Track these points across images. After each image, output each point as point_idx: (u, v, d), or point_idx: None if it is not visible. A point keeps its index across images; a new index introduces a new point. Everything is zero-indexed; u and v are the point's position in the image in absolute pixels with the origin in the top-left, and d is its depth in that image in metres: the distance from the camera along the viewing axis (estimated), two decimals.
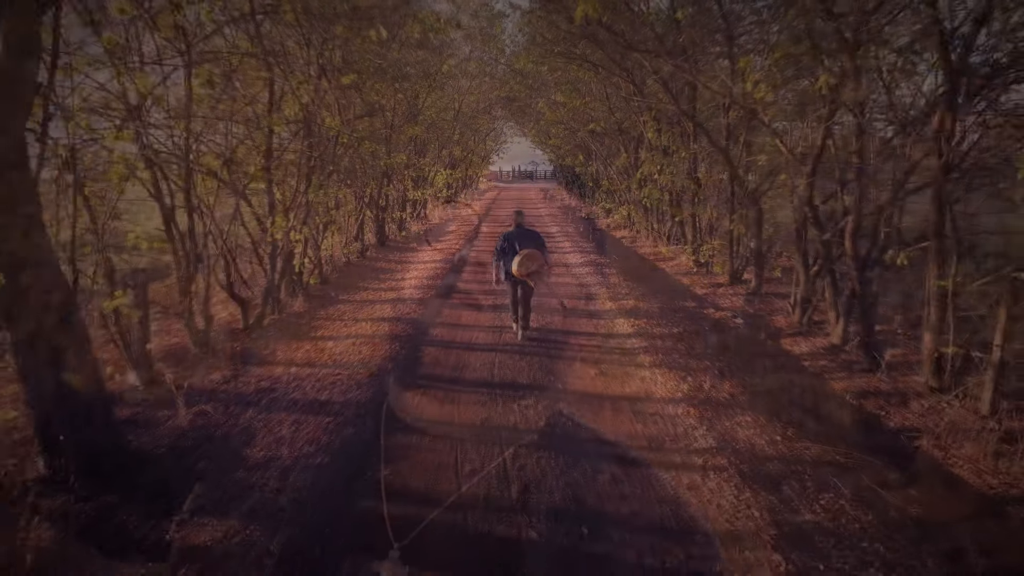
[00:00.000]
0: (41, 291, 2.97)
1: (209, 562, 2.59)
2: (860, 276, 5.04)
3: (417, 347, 5.59)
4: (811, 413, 4.14)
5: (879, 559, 2.60)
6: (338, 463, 3.46)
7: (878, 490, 3.15)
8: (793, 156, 5.77)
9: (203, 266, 5.54)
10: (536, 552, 2.67)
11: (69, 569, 2.55)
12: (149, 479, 3.26)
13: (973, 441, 3.60)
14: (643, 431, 3.84)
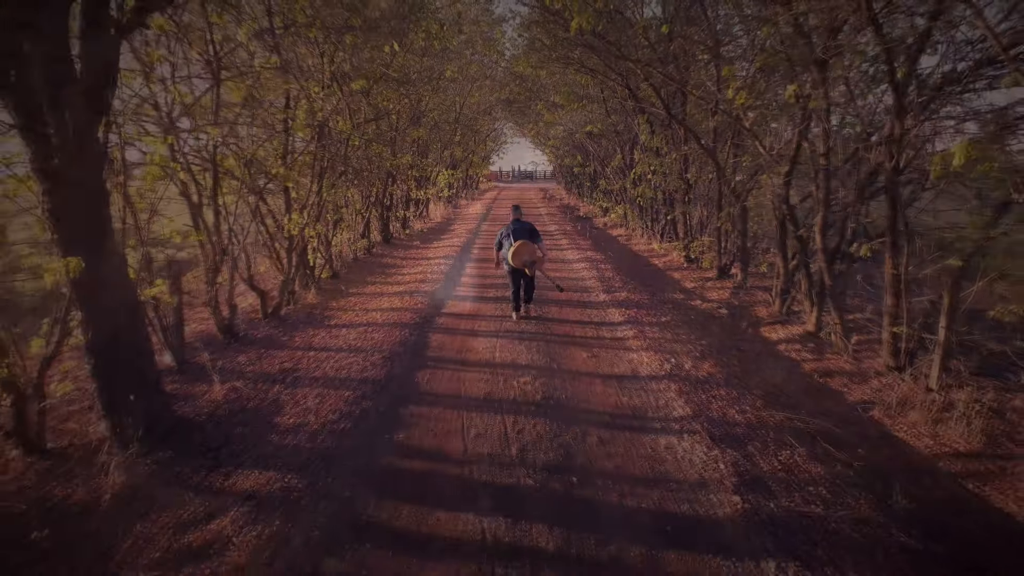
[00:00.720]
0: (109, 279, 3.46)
1: (255, 503, 3.08)
2: (829, 268, 5.53)
3: (425, 334, 6.07)
4: (779, 389, 4.63)
5: (821, 499, 3.08)
6: (359, 429, 3.94)
7: (829, 448, 3.64)
8: (771, 157, 6.26)
9: (227, 259, 6.03)
10: (533, 495, 3.15)
11: (141, 507, 3.03)
12: (196, 440, 3.75)
13: (917, 410, 4.09)
14: (628, 403, 4.32)
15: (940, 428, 3.87)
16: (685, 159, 9.77)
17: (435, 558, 2.66)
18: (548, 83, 15.38)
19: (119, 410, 3.55)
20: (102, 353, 3.52)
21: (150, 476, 3.31)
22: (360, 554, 2.69)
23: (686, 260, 9.96)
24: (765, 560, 2.62)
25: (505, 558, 2.65)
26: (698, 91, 7.37)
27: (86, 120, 3.16)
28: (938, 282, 4.70)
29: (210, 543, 2.77)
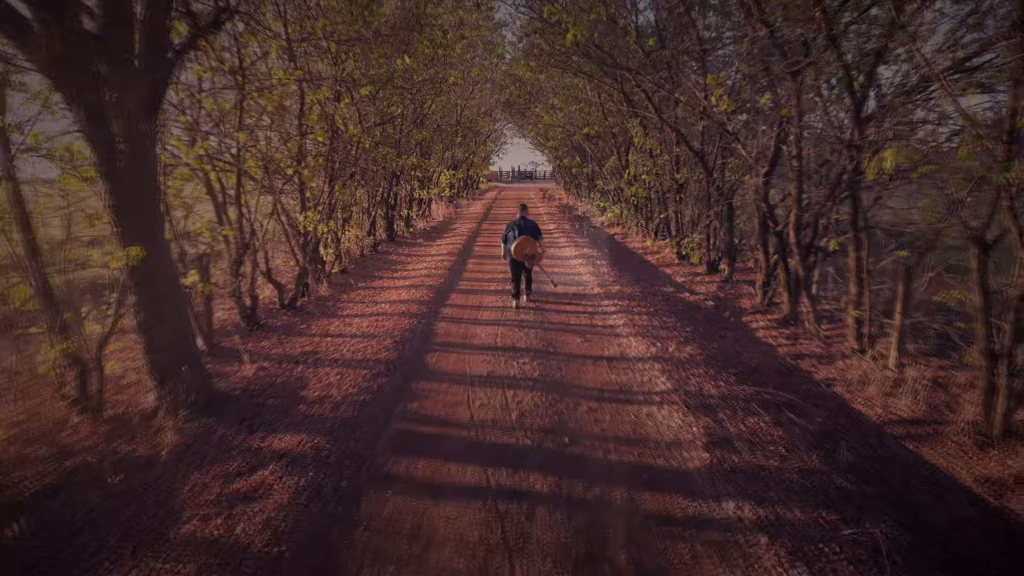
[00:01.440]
0: (159, 267, 3.96)
1: (285, 459, 3.57)
2: (803, 262, 6.03)
3: (431, 323, 6.57)
4: (753, 368, 5.13)
5: (778, 455, 3.58)
6: (377, 401, 4.44)
7: (791, 416, 4.14)
8: (752, 160, 6.76)
9: (249, 253, 6.52)
10: (530, 452, 3.65)
11: (194, 461, 3.53)
12: (233, 410, 4.25)
13: (873, 386, 4.59)
14: (615, 379, 4.83)
15: (891, 400, 4.37)
16: (676, 160, 10.27)
17: (448, 498, 3.16)
18: (547, 86, 15.88)
19: (166, 383, 4.04)
20: (152, 332, 4.02)
21: (198, 437, 3.81)
22: (384, 497, 3.19)
23: (678, 256, 10.46)
24: (725, 500, 3.12)
25: (507, 498, 3.15)
26: (686, 97, 7.87)
27: (145, 128, 3.66)
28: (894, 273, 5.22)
29: (255, 489, 3.27)
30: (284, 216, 7.56)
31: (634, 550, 2.74)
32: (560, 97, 14.86)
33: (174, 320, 4.16)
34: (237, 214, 6.26)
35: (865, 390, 4.62)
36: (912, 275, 4.76)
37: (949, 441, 3.76)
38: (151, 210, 3.89)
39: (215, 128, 6.12)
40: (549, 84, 15.28)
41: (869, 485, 3.27)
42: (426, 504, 3.11)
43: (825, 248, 5.87)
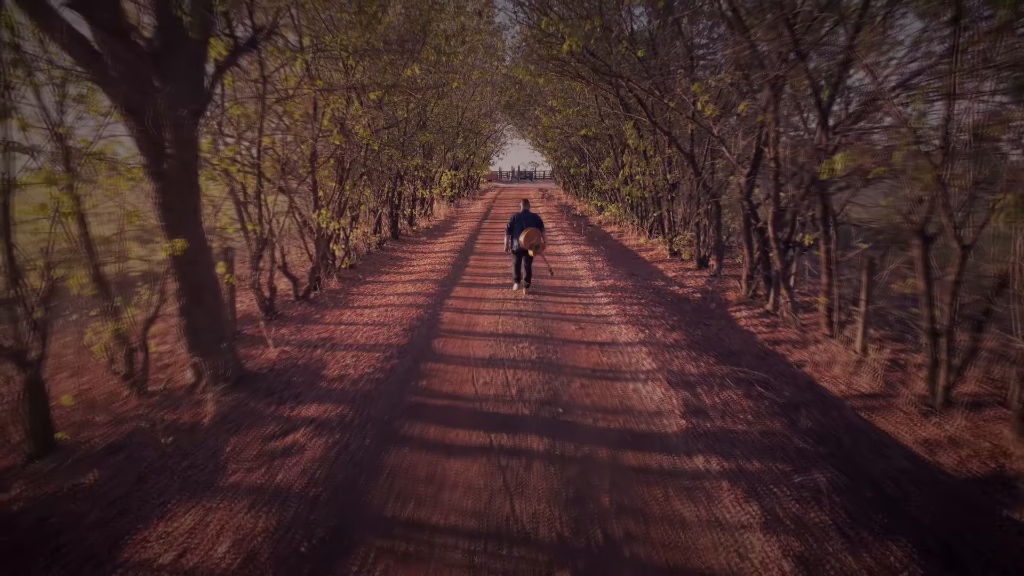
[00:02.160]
0: (198, 257, 4.45)
1: (313, 424, 4.07)
2: (781, 255, 6.53)
3: (437, 312, 7.07)
4: (732, 352, 5.63)
5: (746, 422, 4.08)
6: (390, 378, 4.94)
7: (762, 391, 4.64)
8: (735, 161, 7.26)
9: (268, 248, 7.02)
10: (528, 419, 4.15)
11: (233, 426, 4.03)
12: (262, 386, 4.75)
13: (839, 366, 5.09)
14: (606, 361, 5.33)
15: (854, 378, 4.87)
16: (669, 161, 10.77)
17: (457, 455, 3.66)
18: (546, 89, 16.35)
19: (206, 360, 4.54)
20: (192, 315, 4.52)
21: (234, 408, 4.31)
22: (401, 452, 3.69)
23: (670, 253, 10.96)
24: (696, 456, 3.62)
25: (507, 455, 3.65)
26: (675, 102, 8.36)
27: (190, 134, 4.16)
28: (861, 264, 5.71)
29: (289, 447, 3.77)
30: (298, 214, 8.07)
31: (615, 493, 3.24)
32: (558, 99, 15.34)
33: (211, 304, 4.66)
34: (257, 212, 6.76)
35: (832, 370, 5.11)
36: (875, 267, 5.25)
37: (899, 411, 4.26)
38: (192, 206, 4.39)
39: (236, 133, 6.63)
40: (548, 87, 15.74)
41: (822, 446, 3.77)
42: (439, 458, 3.61)
43: (801, 243, 6.37)
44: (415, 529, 2.94)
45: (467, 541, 2.84)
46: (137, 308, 4.74)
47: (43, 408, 3.61)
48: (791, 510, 3.04)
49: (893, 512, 3.07)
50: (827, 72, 5.15)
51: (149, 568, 2.68)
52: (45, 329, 3.62)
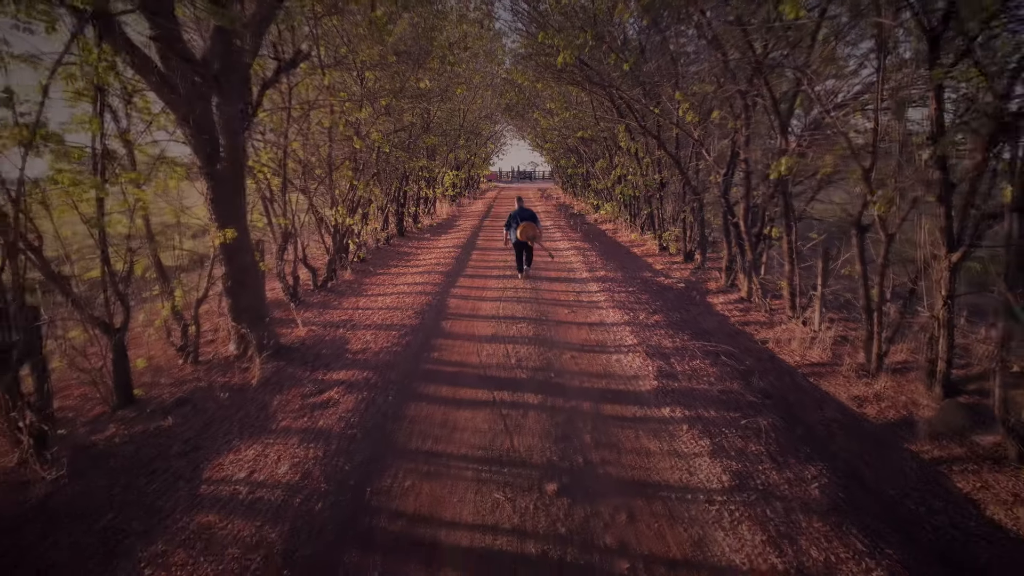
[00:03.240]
0: (242, 245, 5.21)
1: (344, 385, 4.82)
2: (752, 247, 7.29)
3: (444, 299, 7.83)
4: (706, 331, 6.38)
5: (709, 383, 4.83)
6: (406, 352, 5.70)
7: (726, 360, 5.40)
8: (712, 162, 8.01)
9: (291, 241, 7.78)
10: (525, 381, 4.90)
11: (276, 387, 4.78)
12: (295, 356, 5.51)
13: (796, 342, 5.84)
14: (594, 338, 6.09)
15: (808, 351, 5.63)
16: (658, 162, 11.53)
17: (465, 408, 4.41)
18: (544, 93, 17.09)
19: (245, 335, 5.30)
20: (237, 295, 5.28)
21: (275, 372, 5.07)
22: (419, 405, 4.44)
23: (659, 248, 11.72)
24: (664, 407, 4.37)
25: (507, 407, 4.40)
26: (660, 108, 9.11)
27: (239, 141, 4.91)
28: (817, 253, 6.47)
29: (326, 402, 4.52)
30: (315, 211, 8.82)
31: (595, 433, 3.99)
32: (556, 103, 16.08)
33: (253, 286, 5.42)
34: (282, 208, 7.52)
35: (790, 345, 5.87)
36: (829, 255, 6.01)
37: (840, 376, 5.02)
38: (239, 201, 5.15)
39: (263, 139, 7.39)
40: (546, 91, 16.49)
41: (770, 400, 4.53)
42: (450, 410, 4.37)
43: (769, 235, 7.13)
44: (433, 457, 3.70)
45: (475, 465, 3.60)
46: (188, 290, 5.51)
47: (124, 368, 4.36)
48: (734, 443, 3.80)
49: (817, 446, 3.83)
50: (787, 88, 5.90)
51: (228, 482, 3.43)
52: (127, 303, 4.37)
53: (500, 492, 3.29)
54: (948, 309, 4.01)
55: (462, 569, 2.69)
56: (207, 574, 2.66)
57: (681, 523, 3.02)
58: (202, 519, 3.07)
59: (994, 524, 3.03)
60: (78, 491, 3.29)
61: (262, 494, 3.29)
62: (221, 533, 2.95)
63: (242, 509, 3.15)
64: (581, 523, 3.02)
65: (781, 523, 2.98)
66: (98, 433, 3.95)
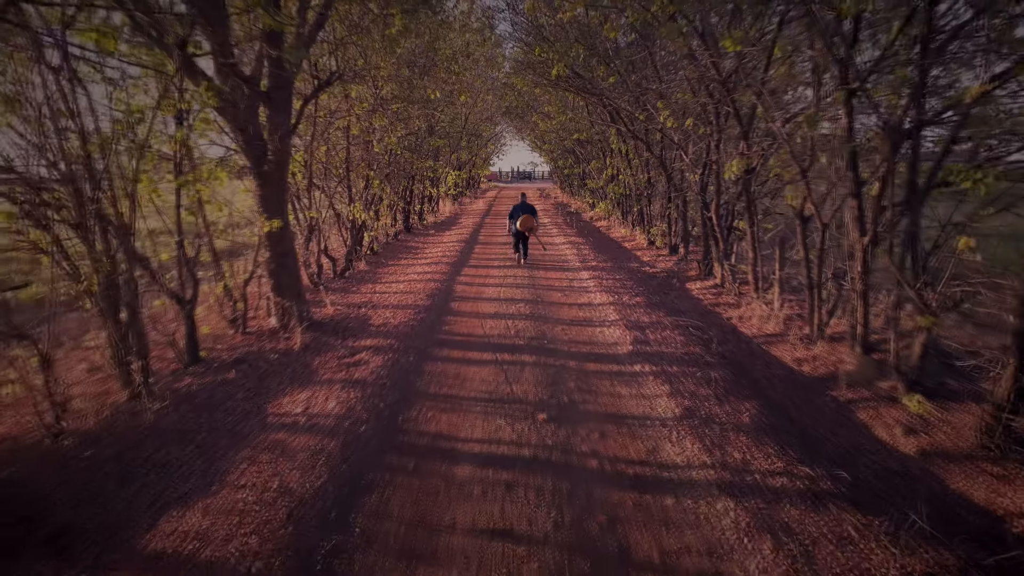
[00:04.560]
0: (283, 234, 6.16)
1: (371, 349, 5.78)
2: (724, 238, 8.25)
3: (451, 285, 8.79)
4: (680, 310, 7.34)
5: (675, 347, 5.79)
6: (421, 325, 6.65)
7: (693, 332, 6.35)
8: (691, 163, 8.97)
9: (315, 233, 8.73)
10: (522, 346, 5.86)
11: (315, 351, 5.74)
12: (328, 329, 6.47)
13: (756, 318, 6.80)
14: (582, 315, 7.05)
15: (765, 325, 6.58)
16: (647, 163, 12.48)
17: (473, 365, 5.37)
18: (542, 97, 18.05)
19: (288, 308, 6.26)
20: (279, 276, 6.23)
21: (312, 340, 6.03)
22: (435, 364, 5.40)
23: (647, 242, 12.68)
24: (635, 364, 5.33)
25: (507, 364, 5.36)
26: (645, 115, 10.07)
27: (284, 146, 5.87)
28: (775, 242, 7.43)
29: (357, 361, 5.48)
30: (334, 208, 9.78)
31: (578, 382, 4.95)
32: (553, 106, 17.04)
33: (292, 268, 6.38)
34: (308, 204, 8.48)
35: (751, 321, 6.83)
36: (785, 244, 6.97)
37: (787, 343, 5.97)
38: (282, 197, 6.11)
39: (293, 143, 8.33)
40: (544, 96, 17.45)
41: (725, 359, 5.49)
42: (461, 366, 5.33)
43: (738, 228, 8.09)
44: (449, 398, 4.66)
45: (482, 403, 4.56)
46: (236, 273, 6.46)
47: (193, 334, 5.31)
48: (689, 388, 4.76)
49: (756, 391, 4.79)
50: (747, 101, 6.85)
51: (288, 415, 4.39)
52: (197, 280, 5.33)
53: (502, 419, 4.25)
54: (864, 283, 4.97)
55: (474, 464, 3.65)
56: (287, 467, 3.61)
57: (640, 439, 3.98)
58: (274, 437, 4.03)
59: (878, 441, 3.99)
60: (175, 419, 4.25)
61: (317, 421, 4.25)
62: (291, 444, 3.91)
63: (303, 430, 4.11)
64: (564, 439, 3.97)
65: (715, 437, 3.94)
66: (179, 383, 4.91)
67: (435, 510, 3.18)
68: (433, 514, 3.14)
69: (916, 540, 2.83)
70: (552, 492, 3.34)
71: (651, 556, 2.81)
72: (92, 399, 4.42)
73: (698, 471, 3.53)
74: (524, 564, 2.76)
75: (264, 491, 3.36)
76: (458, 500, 3.27)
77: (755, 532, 2.94)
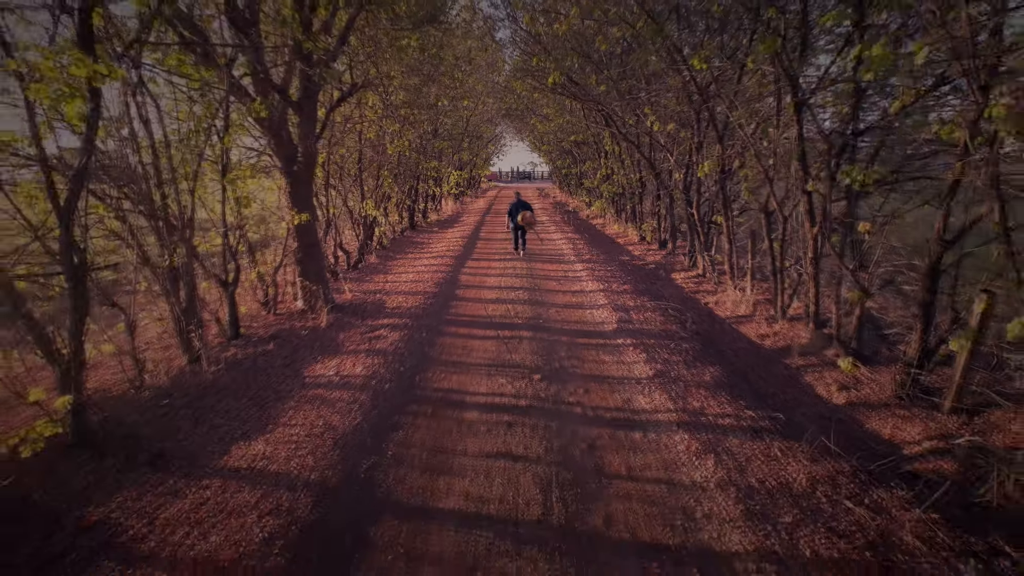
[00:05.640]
0: (309, 226, 6.97)
1: (388, 327, 6.59)
2: (703, 232, 9.06)
3: (456, 275, 9.60)
4: (662, 296, 8.16)
5: (655, 325, 6.60)
6: (431, 308, 7.47)
7: (672, 313, 7.16)
8: (675, 163, 9.78)
9: (331, 228, 9.54)
10: (520, 324, 6.67)
11: (340, 328, 6.55)
12: (348, 311, 7.28)
13: (730, 302, 7.61)
14: (574, 300, 7.86)
15: (737, 308, 7.39)
16: (638, 163, 13.29)
17: (478, 339, 6.18)
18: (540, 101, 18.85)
19: (314, 291, 7.06)
20: (305, 264, 7.04)
21: (336, 319, 6.84)
22: (445, 338, 6.21)
23: (639, 238, 13.49)
24: (619, 338, 6.14)
25: (508, 339, 6.17)
26: (633, 119, 10.88)
27: (313, 148, 6.68)
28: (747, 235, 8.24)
29: (377, 336, 6.29)
30: (347, 205, 10.59)
31: (568, 352, 5.76)
32: (551, 108, 17.85)
33: (316, 257, 7.19)
34: (326, 201, 9.29)
35: (725, 304, 7.64)
36: (756, 236, 7.77)
37: (755, 323, 6.78)
38: (309, 193, 6.92)
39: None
40: (542, 99, 18.26)
41: (697, 335, 6.30)
42: (467, 340, 6.14)
43: (715, 222, 8.90)
44: (458, 363, 5.47)
45: (486, 367, 5.36)
46: (267, 261, 7.27)
47: (235, 312, 6.12)
48: (662, 356, 5.57)
49: (721, 360, 5.60)
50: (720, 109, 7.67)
51: (322, 377, 5.20)
52: (238, 266, 6.13)
53: (503, 378, 5.06)
54: (815, 267, 5.77)
55: (480, 411, 4.46)
56: (328, 412, 4.43)
57: (617, 393, 4.79)
58: (313, 392, 4.85)
59: (817, 396, 4.79)
60: (229, 380, 5.06)
61: (348, 380, 5.06)
62: (328, 397, 4.72)
63: (337, 387, 4.92)
64: (554, 393, 4.79)
65: (680, 391, 4.75)
66: (225, 352, 5.72)
67: (450, 441, 3.99)
68: (448, 443, 3.96)
69: (824, 456, 3.64)
70: (544, 429, 4.15)
71: (620, 470, 3.62)
72: (160, 362, 5.23)
73: (662, 415, 4.35)
74: (521, 475, 3.57)
75: (312, 428, 4.17)
76: (468, 435, 4.08)
77: (702, 454, 3.75)
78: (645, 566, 2.78)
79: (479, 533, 3.02)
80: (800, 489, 3.34)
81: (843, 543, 2.88)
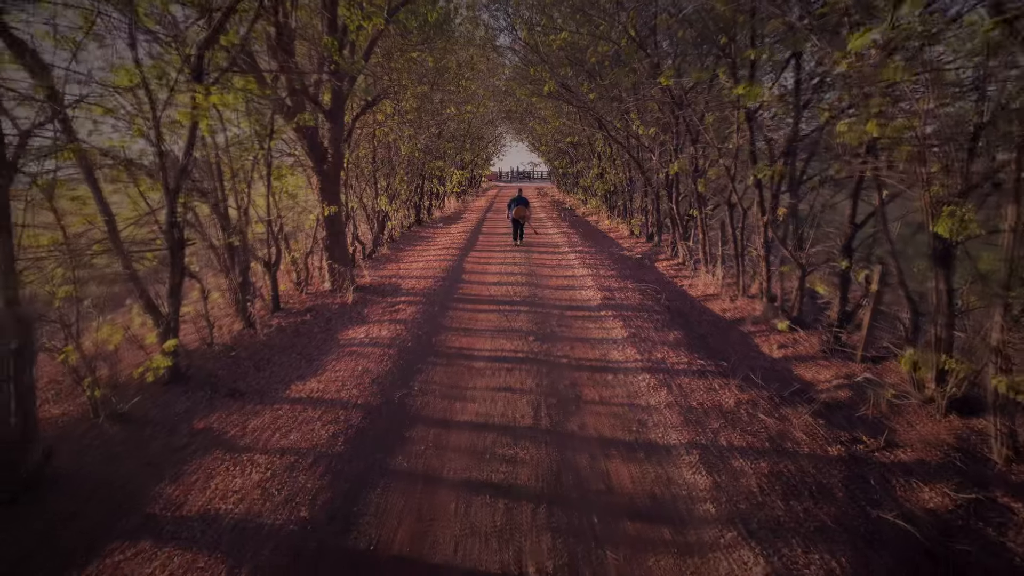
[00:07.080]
0: (337, 218, 8.07)
1: (405, 303, 7.68)
2: (683, 224, 10.16)
3: (461, 263, 10.70)
4: (644, 280, 9.26)
5: (634, 301, 7.70)
6: (441, 289, 8.57)
7: (649, 292, 8.26)
8: (658, 164, 10.89)
9: (349, 221, 10.63)
10: (519, 302, 7.77)
11: (364, 304, 7.66)
12: (370, 291, 8.38)
13: (702, 284, 8.72)
14: (565, 283, 8.97)
15: (707, 289, 8.49)
16: (628, 163, 14.39)
17: (482, 313, 7.28)
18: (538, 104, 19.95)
19: (341, 273, 8.16)
20: (332, 250, 8.14)
21: (360, 298, 7.94)
22: (454, 312, 7.31)
23: (629, 233, 14.60)
24: (602, 311, 7.23)
25: (507, 313, 7.27)
26: (621, 123, 11.98)
27: (341, 150, 7.78)
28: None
29: (398, 309, 7.39)
30: (362, 200, 11.68)
31: (558, 321, 6.86)
32: (549, 111, 18.95)
33: (342, 243, 8.29)
34: (345, 197, 10.38)
35: (698, 286, 8.75)
36: (725, 227, 8.87)
37: (720, 300, 7.88)
38: (337, 189, 8.02)
39: None
40: (540, 103, 19.35)
41: (669, 309, 7.41)
42: (474, 314, 7.24)
43: (692, 215, 10.00)
44: (466, 330, 6.57)
45: (489, 332, 6.46)
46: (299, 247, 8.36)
47: (276, 289, 7.22)
48: (636, 323, 6.67)
49: (686, 326, 6.70)
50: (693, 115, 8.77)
51: (354, 339, 6.29)
52: (280, 250, 7.23)
53: (504, 340, 6.16)
54: (765, 250, 6.87)
55: (485, 361, 5.56)
56: (364, 362, 5.52)
57: (597, 348, 5.89)
58: (348, 349, 5.94)
59: (760, 352, 5.89)
60: (278, 340, 6.16)
61: (377, 340, 6.16)
62: (362, 351, 5.82)
63: (368, 345, 6.02)
64: (546, 349, 5.88)
65: (648, 347, 5.85)
66: (271, 321, 6.82)
67: (462, 380, 5.09)
68: (461, 382, 5.06)
69: (751, 387, 4.74)
70: (537, 372, 5.25)
71: (595, 397, 4.72)
72: (222, 327, 6.33)
73: (631, 363, 5.45)
74: (518, 400, 4.67)
75: (353, 372, 5.27)
76: (477, 376, 5.18)
77: (658, 387, 4.85)
78: (606, 451, 3.88)
79: (486, 434, 4.11)
80: (728, 408, 4.44)
81: (751, 438, 3.98)
